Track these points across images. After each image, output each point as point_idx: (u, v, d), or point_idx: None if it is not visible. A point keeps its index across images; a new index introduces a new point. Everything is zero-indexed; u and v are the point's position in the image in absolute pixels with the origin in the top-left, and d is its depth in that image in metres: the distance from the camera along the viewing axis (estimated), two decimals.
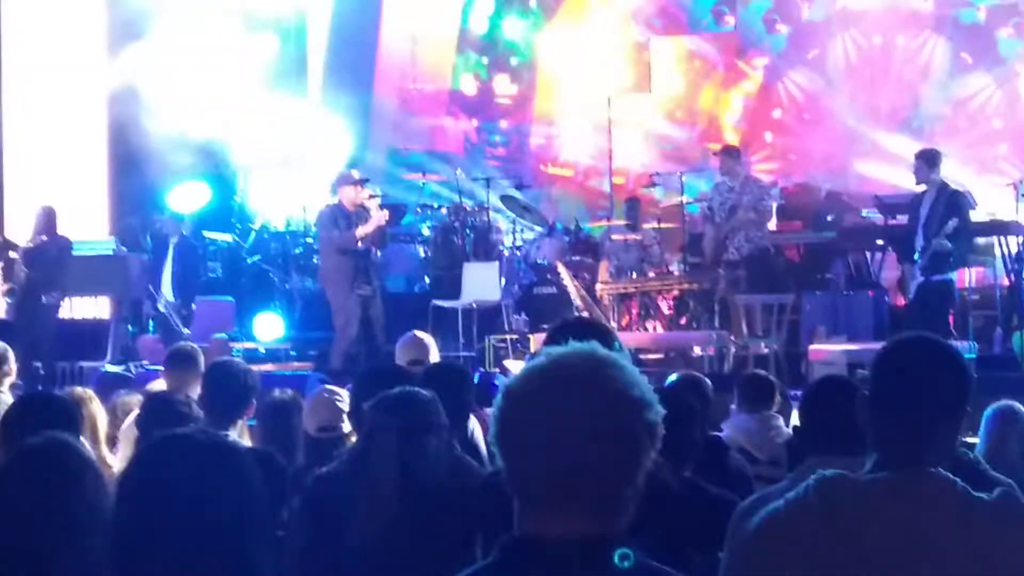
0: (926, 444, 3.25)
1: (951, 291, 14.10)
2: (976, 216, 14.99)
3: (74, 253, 16.16)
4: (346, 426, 6.39)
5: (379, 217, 14.86)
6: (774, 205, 16.46)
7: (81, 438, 5.01)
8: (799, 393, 9.59)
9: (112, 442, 7.37)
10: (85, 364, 15.99)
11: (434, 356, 8.98)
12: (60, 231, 16.04)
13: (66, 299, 16.41)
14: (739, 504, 4.18)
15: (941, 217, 13.67)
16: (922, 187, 14.11)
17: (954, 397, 3.33)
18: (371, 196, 15.13)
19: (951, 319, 14.31)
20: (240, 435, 6.89)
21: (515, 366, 12.92)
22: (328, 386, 7.35)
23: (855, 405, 3.42)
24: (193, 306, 16.95)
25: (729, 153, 16.08)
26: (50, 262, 15.56)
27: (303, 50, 21.83)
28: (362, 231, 14.70)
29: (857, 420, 3.39)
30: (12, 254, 16.33)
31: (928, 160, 14.05)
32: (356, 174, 15.46)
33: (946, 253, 13.69)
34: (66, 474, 3.42)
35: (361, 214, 14.80)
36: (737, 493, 4.97)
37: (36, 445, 3.56)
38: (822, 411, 4.70)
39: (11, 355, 10.54)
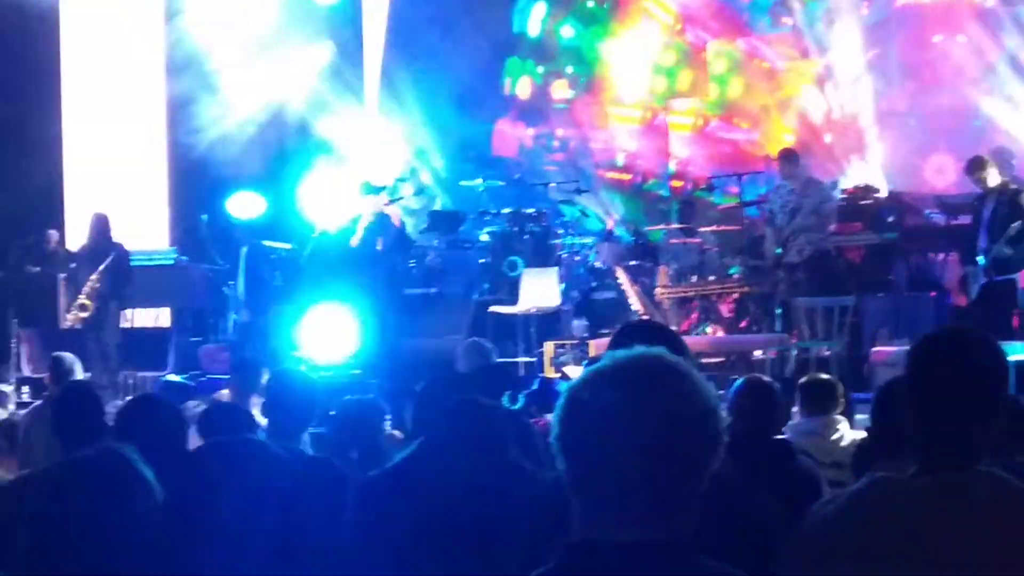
0: (964, 440, 3.18)
1: (1014, 292, 13.98)
2: None
3: (136, 264, 16.23)
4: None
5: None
6: (835, 206, 16.34)
7: None
8: (861, 396, 9.56)
9: None
10: (147, 374, 16.09)
11: (493, 362, 8.99)
12: (119, 240, 16.09)
13: (126, 309, 16.51)
14: (798, 511, 4.14)
15: (1004, 218, 13.57)
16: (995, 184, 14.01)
17: (987, 389, 3.25)
18: (389, 203, 15.17)
19: (1015, 320, 14.19)
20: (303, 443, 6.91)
21: (575, 372, 12.89)
22: None
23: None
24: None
25: (788, 157, 15.98)
26: (107, 271, 15.61)
27: (359, 54, 21.90)
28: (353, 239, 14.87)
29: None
30: (74, 266, 16.45)
31: (987, 162, 13.98)
32: (373, 183, 15.51)
33: (1006, 257, 13.61)
34: (117, 487, 3.41)
35: (382, 222, 14.81)
36: (805, 497, 4.93)
37: (88, 457, 3.56)
38: (892, 414, 4.66)
39: (78, 365, 10.66)
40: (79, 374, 10.62)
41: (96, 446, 3.65)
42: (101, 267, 15.52)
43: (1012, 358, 3.77)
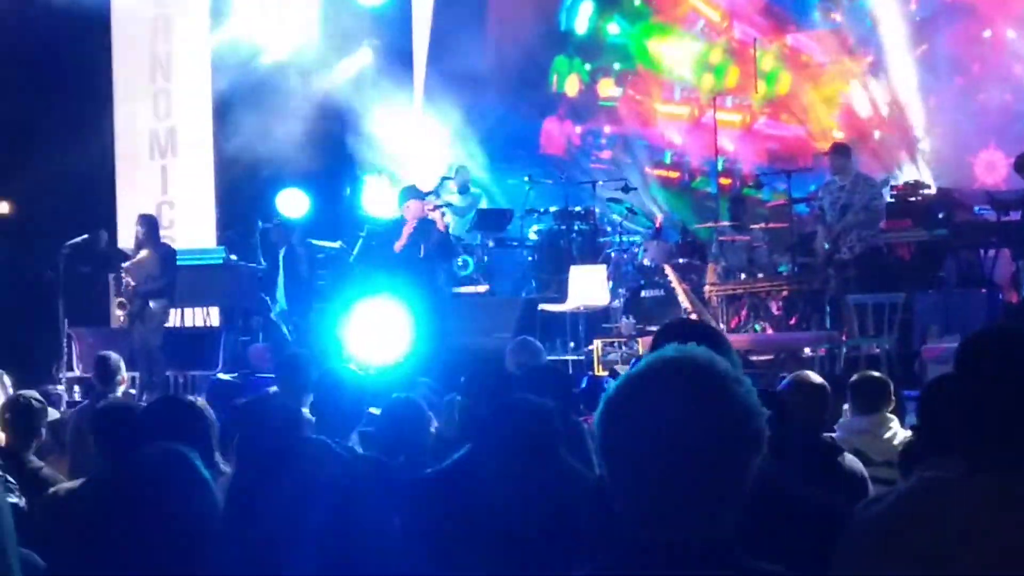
0: (1013, 439, 3.12)
1: None
2: None
3: (185, 263, 16.29)
4: None
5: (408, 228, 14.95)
6: (885, 203, 16.26)
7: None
8: (912, 393, 9.51)
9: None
10: (196, 373, 16.16)
11: (542, 361, 8.99)
12: (167, 240, 16.16)
13: (173, 309, 16.57)
14: (840, 509, 4.10)
15: None
16: None
17: None
18: (434, 208, 15.15)
19: None
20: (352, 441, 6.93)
21: (624, 371, 12.88)
22: None
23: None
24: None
25: (839, 151, 15.86)
26: (153, 271, 15.66)
27: (408, 53, 21.95)
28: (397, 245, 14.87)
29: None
30: (124, 265, 16.53)
31: None
32: (420, 187, 15.50)
33: None
34: (176, 485, 3.44)
35: (425, 227, 14.81)
36: (851, 495, 4.91)
37: (150, 455, 3.58)
38: (939, 412, 4.63)
39: (123, 364, 10.70)
40: (124, 373, 10.66)
41: (156, 445, 3.67)
42: (146, 267, 15.57)
43: None
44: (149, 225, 15.91)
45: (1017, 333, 3.29)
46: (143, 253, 15.68)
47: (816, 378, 7.31)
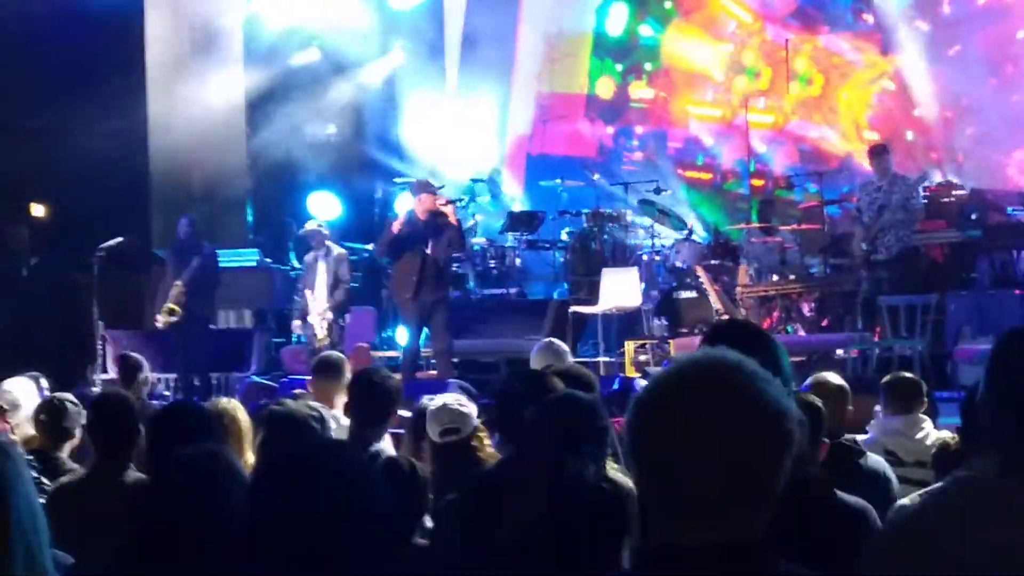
0: None
1: None
2: None
3: (220, 265, 16.36)
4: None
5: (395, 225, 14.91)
6: (922, 202, 16.21)
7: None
8: (944, 395, 9.50)
9: None
10: (231, 375, 16.23)
11: (568, 363, 8.99)
12: (206, 241, 16.20)
13: (213, 311, 16.66)
14: (870, 510, 4.11)
15: None
16: None
17: None
18: (447, 202, 15.10)
19: None
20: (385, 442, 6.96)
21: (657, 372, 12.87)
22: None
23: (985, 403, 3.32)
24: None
25: (880, 151, 15.84)
26: (194, 273, 15.69)
27: (440, 56, 21.98)
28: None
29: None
30: (159, 267, 16.60)
31: None
32: (432, 182, 15.46)
33: None
34: (214, 484, 3.46)
35: (434, 222, 14.78)
36: (874, 496, 4.90)
37: (186, 455, 3.61)
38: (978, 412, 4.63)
39: (146, 364, 10.72)
40: (147, 373, 10.69)
41: (196, 445, 3.71)
42: (188, 269, 15.61)
43: None
44: (190, 227, 15.95)
45: None
46: (183, 254, 15.74)
47: (836, 379, 7.31)
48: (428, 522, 5.59)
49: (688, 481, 2.48)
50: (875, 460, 6.65)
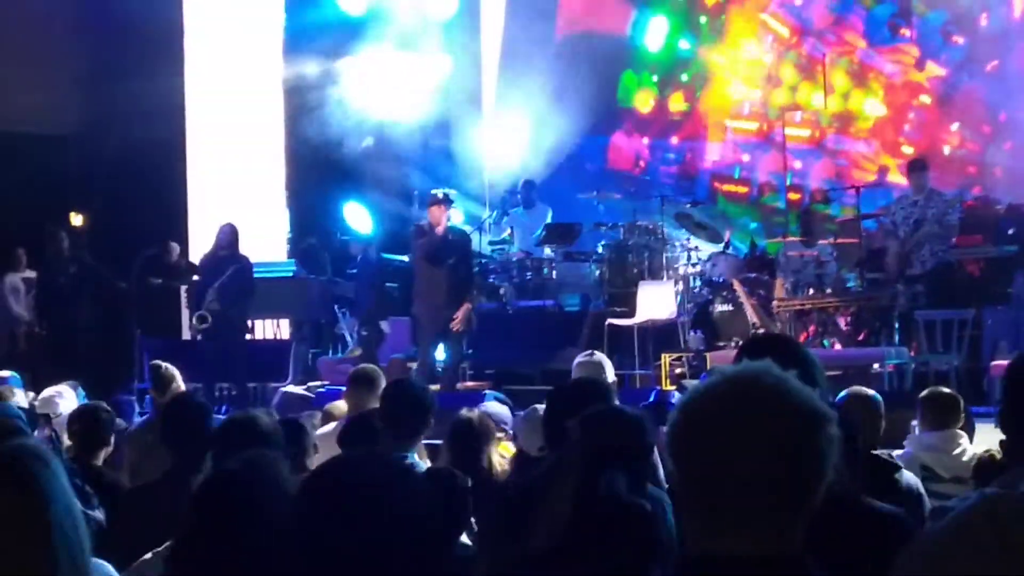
0: None
1: None
2: None
3: (257, 275, 16.41)
4: None
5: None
6: (958, 218, 16.19)
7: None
8: (980, 410, 9.47)
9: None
10: (268, 385, 16.29)
11: (610, 375, 9.00)
12: (244, 252, 16.23)
13: (248, 321, 16.71)
14: (908, 521, 4.11)
15: None
16: None
17: None
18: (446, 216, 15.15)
19: None
20: (419, 453, 6.99)
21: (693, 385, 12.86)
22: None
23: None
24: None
25: (919, 166, 15.86)
26: (228, 283, 15.71)
27: (478, 67, 22.04)
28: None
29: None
30: (195, 278, 16.66)
31: None
32: (440, 193, 15.49)
33: None
34: (254, 493, 3.48)
35: (447, 236, 14.86)
36: (908, 512, 4.90)
37: (233, 468, 3.63)
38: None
39: (177, 373, 10.78)
40: (179, 383, 10.74)
41: (250, 452, 3.74)
42: (222, 277, 15.66)
43: None
44: (230, 236, 15.99)
45: None
46: (219, 264, 15.78)
47: (869, 391, 7.31)
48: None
49: (728, 492, 2.50)
50: (909, 477, 6.64)
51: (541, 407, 6.46)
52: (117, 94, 18.50)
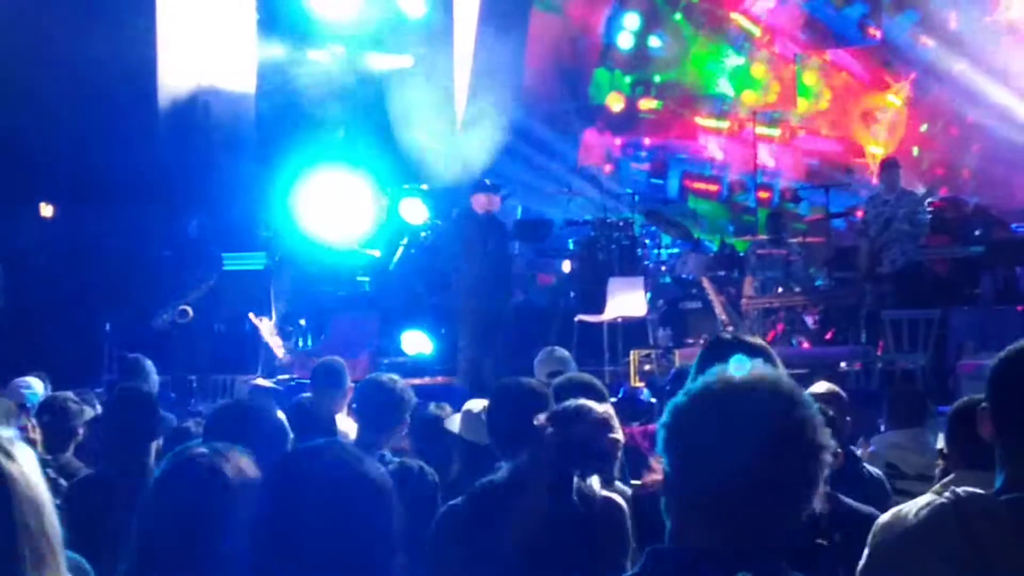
0: None
1: None
2: None
3: (227, 268, 16.39)
4: None
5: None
6: (928, 218, 16.27)
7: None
8: (946, 409, 9.54)
9: None
10: (236, 377, 16.25)
11: (572, 371, 9.02)
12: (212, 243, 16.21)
13: (218, 313, 16.70)
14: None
15: None
16: None
17: None
18: (502, 199, 15.21)
19: None
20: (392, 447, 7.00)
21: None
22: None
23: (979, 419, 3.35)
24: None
25: (891, 166, 15.93)
26: (202, 273, 15.73)
27: (449, 56, 21.99)
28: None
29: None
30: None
31: None
32: (487, 181, 15.49)
33: None
34: (217, 485, 3.47)
35: (492, 220, 14.87)
36: (872, 505, 4.95)
37: (194, 455, 3.60)
38: (966, 426, 4.70)
39: (150, 364, 10.71)
40: (152, 374, 10.65)
41: (208, 444, 3.70)
42: (194, 269, 15.66)
43: None
44: (203, 227, 15.97)
45: None
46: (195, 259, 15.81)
47: (832, 387, 7.36)
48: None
49: (726, 492, 2.53)
50: (869, 470, 6.69)
51: (478, 404, 6.47)
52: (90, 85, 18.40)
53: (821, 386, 7.33)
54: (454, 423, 6.80)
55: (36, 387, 10.12)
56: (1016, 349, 3.38)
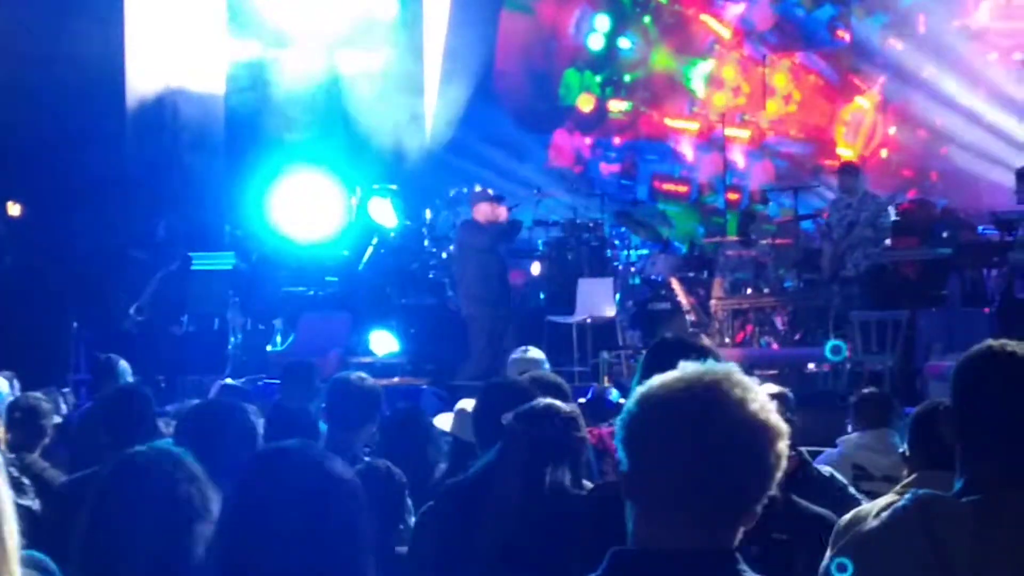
0: (1011, 458, 3.16)
1: None
2: None
3: (196, 267, 16.36)
4: None
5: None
6: (891, 221, 16.33)
7: None
8: (913, 410, 9.57)
9: None
10: (205, 377, 16.21)
11: (542, 371, 9.02)
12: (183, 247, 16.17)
13: (186, 314, 16.65)
14: (837, 521, 4.16)
15: None
16: None
17: None
18: (508, 209, 15.28)
19: None
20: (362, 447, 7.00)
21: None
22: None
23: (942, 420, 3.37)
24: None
25: (848, 170, 15.98)
26: (170, 275, 15.69)
27: (419, 58, 21.97)
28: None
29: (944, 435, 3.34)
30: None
31: None
32: (490, 191, 15.52)
33: None
34: (168, 484, 3.45)
35: (493, 229, 14.91)
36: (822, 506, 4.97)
37: (141, 454, 3.57)
38: (931, 429, 4.73)
39: (125, 365, 10.67)
40: (128, 375, 10.61)
41: (147, 445, 3.66)
42: (162, 271, 15.63)
43: None
44: (171, 228, 15.95)
45: (1017, 351, 3.32)
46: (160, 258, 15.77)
47: (776, 388, 7.37)
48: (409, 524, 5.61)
49: (675, 488, 2.53)
50: (819, 471, 6.67)
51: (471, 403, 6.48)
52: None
53: (767, 388, 7.32)
54: (445, 422, 6.82)
55: (1, 386, 10.06)
56: (978, 351, 3.39)
